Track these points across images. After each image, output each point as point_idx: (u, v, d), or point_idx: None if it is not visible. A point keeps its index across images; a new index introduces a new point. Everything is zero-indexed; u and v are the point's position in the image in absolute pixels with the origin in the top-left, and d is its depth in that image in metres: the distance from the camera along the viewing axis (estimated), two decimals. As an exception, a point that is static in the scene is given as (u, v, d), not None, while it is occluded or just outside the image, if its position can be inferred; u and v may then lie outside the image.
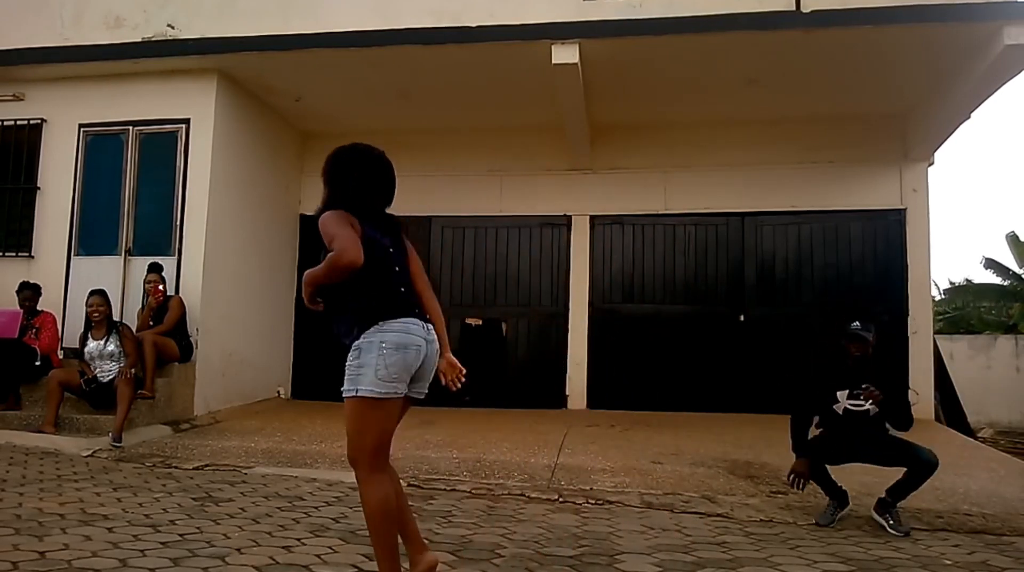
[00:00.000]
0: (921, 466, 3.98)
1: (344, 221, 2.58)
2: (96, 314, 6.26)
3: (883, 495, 4.14)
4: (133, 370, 6.14)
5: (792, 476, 4.16)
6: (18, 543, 3.11)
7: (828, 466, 4.24)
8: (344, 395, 2.52)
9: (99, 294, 6.38)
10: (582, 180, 8.83)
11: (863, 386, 4.07)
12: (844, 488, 4.25)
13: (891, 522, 4.02)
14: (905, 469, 4.07)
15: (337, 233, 2.54)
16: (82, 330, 6.44)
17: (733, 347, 8.38)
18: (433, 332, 2.71)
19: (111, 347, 6.20)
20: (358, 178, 2.78)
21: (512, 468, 5.27)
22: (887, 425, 4.22)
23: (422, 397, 2.71)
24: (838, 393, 4.19)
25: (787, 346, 8.32)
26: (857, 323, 4.20)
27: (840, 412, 4.19)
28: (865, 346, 4.16)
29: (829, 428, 4.28)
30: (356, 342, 2.52)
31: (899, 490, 4.06)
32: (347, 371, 2.53)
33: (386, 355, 2.49)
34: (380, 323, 2.53)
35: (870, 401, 4.07)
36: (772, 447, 6.14)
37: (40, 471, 4.76)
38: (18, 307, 6.79)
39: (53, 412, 6.00)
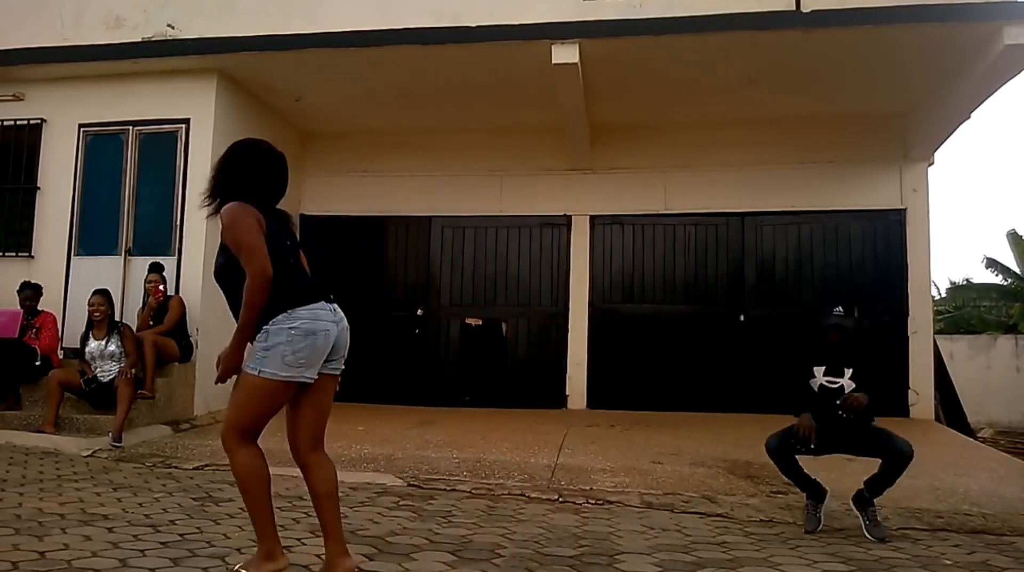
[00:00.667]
0: (894, 456, 3.84)
1: (253, 220, 2.64)
2: (97, 314, 6.26)
3: (861, 486, 4.04)
4: (133, 370, 6.14)
5: (801, 431, 4.00)
6: (18, 543, 3.11)
7: (806, 457, 4.13)
8: (246, 371, 2.61)
9: (101, 294, 6.38)
10: (582, 180, 8.83)
11: (845, 396, 3.95)
12: (816, 480, 4.12)
13: (867, 522, 3.88)
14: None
15: (252, 245, 2.60)
16: (83, 330, 6.44)
17: (733, 347, 8.38)
18: (341, 313, 2.79)
19: (112, 347, 6.21)
20: (261, 173, 2.83)
21: (512, 468, 5.27)
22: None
23: (338, 373, 2.81)
24: (815, 369, 4.13)
25: (787, 346, 8.30)
26: (839, 308, 4.21)
27: (816, 388, 4.12)
28: (839, 334, 4.13)
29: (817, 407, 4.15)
30: (265, 326, 2.60)
31: (875, 484, 3.93)
32: (255, 350, 2.62)
33: (294, 341, 2.58)
34: (289, 311, 2.61)
35: (839, 381, 4.02)
36: (772, 447, 6.15)
37: (40, 471, 4.76)
38: (18, 307, 6.80)
39: (53, 412, 6.00)
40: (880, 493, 3.93)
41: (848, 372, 4.05)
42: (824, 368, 4.10)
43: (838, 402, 3.94)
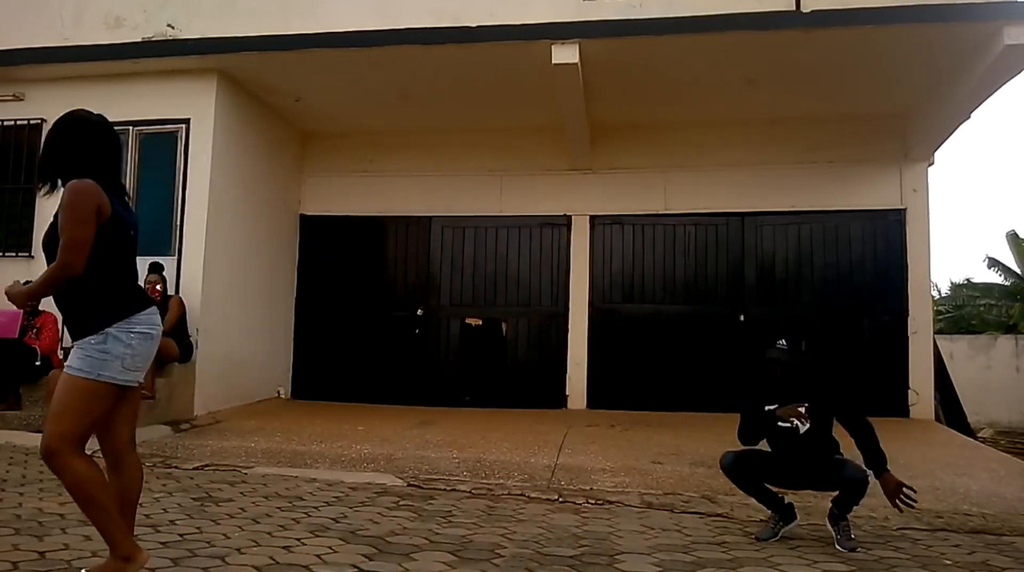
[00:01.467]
0: (846, 484, 3.65)
1: (92, 207, 2.50)
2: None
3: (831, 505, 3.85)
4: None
5: (789, 414, 3.78)
6: (18, 543, 3.11)
7: (778, 488, 3.93)
8: (76, 374, 2.48)
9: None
10: (582, 180, 8.83)
11: (777, 406, 3.79)
12: (789, 501, 3.91)
13: (838, 536, 3.68)
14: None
15: (77, 239, 2.46)
16: None
17: (733, 347, 8.38)
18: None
19: None
20: (98, 144, 2.72)
21: (512, 468, 5.26)
22: (833, 443, 3.86)
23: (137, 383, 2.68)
24: (767, 407, 3.89)
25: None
26: (782, 342, 3.86)
27: (779, 427, 3.86)
28: (781, 369, 3.84)
29: (772, 443, 3.94)
30: (107, 329, 2.51)
31: (840, 503, 3.74)
32: (86, 351, 2.49)
33: (134, 346, 2.54)
34: (129, 317, 2.55)
35: (793, 420, 3.76)
36: (772, 447, 6.15)
37: (40, 471, 4.76)
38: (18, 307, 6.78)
39: None
40: (848, 510, 3.74)
41: (802, 409, 3.80)
42: (776, 405, 3.85)
43: (778, 421, 3.76)
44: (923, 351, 8.10)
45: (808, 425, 3.75)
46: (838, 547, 3.64)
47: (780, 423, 3.78)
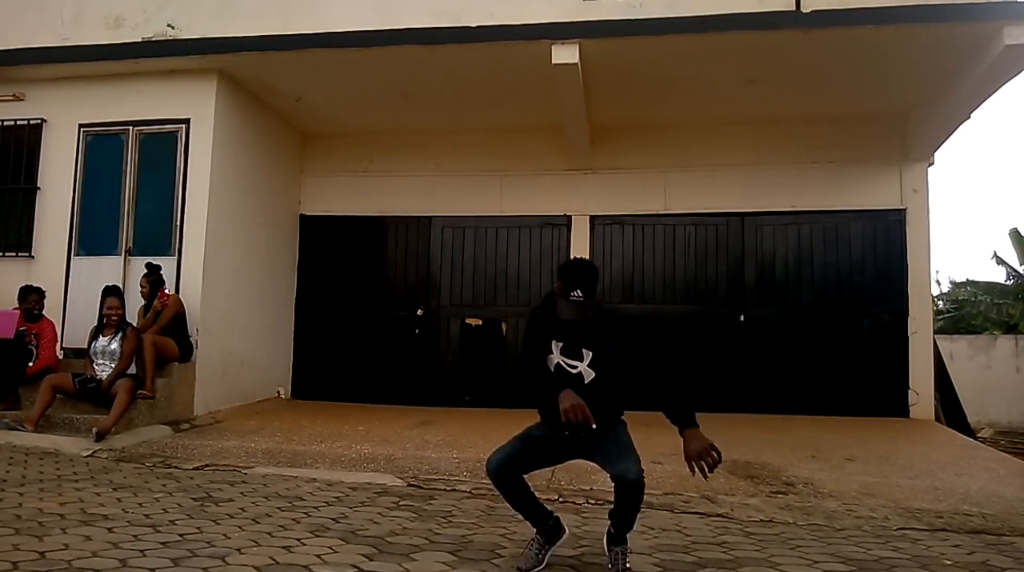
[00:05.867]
0: (617, 483, 2.99)
1: None
2: (115, 318, 6.29)
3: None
4: (129, 373, 6.16)
5: (573, 415, 2.87)
6: (18, 543, 3.11)
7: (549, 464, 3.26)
8: None
9: (116, 296, 6.42)
10: (582, 180, 8.83)
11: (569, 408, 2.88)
12: (556, 515, 3.25)
13: (611, 565, 3.09)
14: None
15: None
16: (95, 326, 6.43)
17: (733, 347, 8.38)
18: None
19: (114, 345, 6.22)
20: None
21: (512, 468, 5.26)
22: (619, 403, 3.27)
23: None
24: (552, 342, 3.13)
25: (787, 346, 8.33)
26: (578, 292, 3.03)
27: (552, 368, 3.13)
28: (582, 312, 3.06)
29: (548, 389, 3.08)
30: None
31: (617, 517, 3.13)
32: None
33: None
34: None
35: (578, 365, 3.09)
36: (772, 447, 6.15)
37: (40, 471, 4.76)
38: (14, 307, 6.75)
39: (39, 412, 5.98)
40: (626, 527, 3.11)
41: (588, 355, 3.11)
42: (562, 344, 3.13)
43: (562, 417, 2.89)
44: (923, 351, 8.11)
45: (593, 375, 3.10)
46: None
47: (564, 363, 3.10)
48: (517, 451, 3.12)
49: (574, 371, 3.12)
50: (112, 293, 6.44)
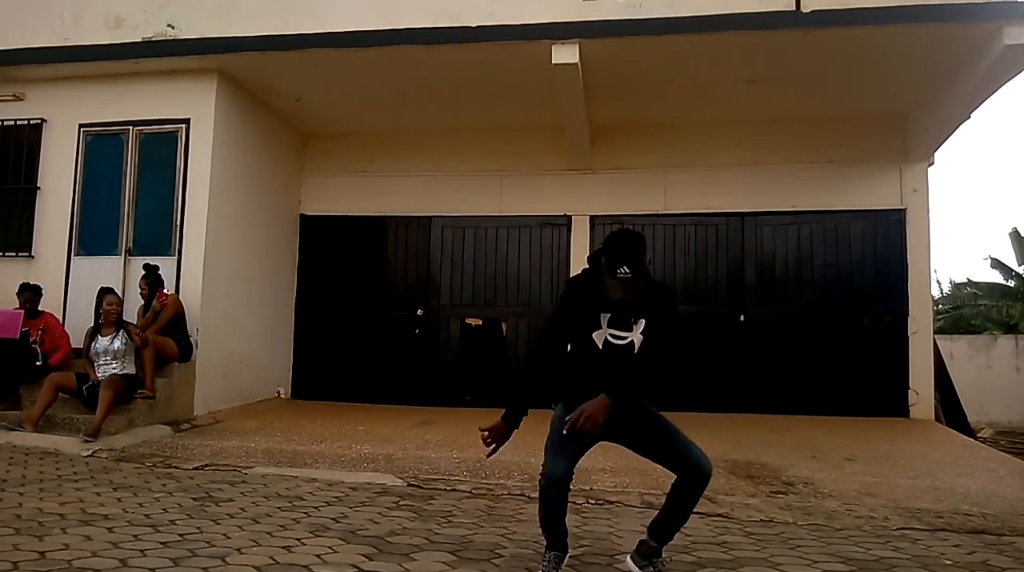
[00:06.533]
0: (691, 472, 2.89)
1: None
2: (114, 315, 6.29)
3: (644, 535, 3.03)
4: (125, 370, 6.17)
5: (585, 422, 2.72)
6: (18, 543, 3.11)
7: (572, 452, 2.89)
8: None
9: (114, 293, 6.45)
10: (582, 180, 8.83)
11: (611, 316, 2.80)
12: (565, 527, 2.98)
13: None
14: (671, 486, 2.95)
15: None
16: (91, 328, 6.43)
17: (733, 347, 8.38)
18: None
19: (117, 344, 6.21)
20: None
21: (512, 468, 5.26)
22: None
23: None
24: (602, 315, 2.87)
25: (787, 346, 8.33)
26: (625, 269, 2.73)
27: (600, 344, 2.88)
28: (633, 291, 2.74)
29: (580, 369, 2.92)
30: None
31: (663, 525, 2.95)
32: None
33: None
34: None
35: (628, 336, 2.86)
36: (772, 447, 6.15)
37: (40, 471, 4.76)
38: (16, 307, 6.78)
39: (39, 411, 5.99)
40: (670, 538, 2.97)
41: (641, 324, 2.88)
42: (610, 315, 2.87)
43: (565, 426, 2.78)
44: (923, 351, 8.11)
45: (642, 340, 2.89)
46: None
47: (612, 337, 2.87)
48: (572, 455, 2.87)
49: (623, 342, 2.87)
50: (109, 292, 6.45)
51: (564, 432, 2.81)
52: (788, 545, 3.70)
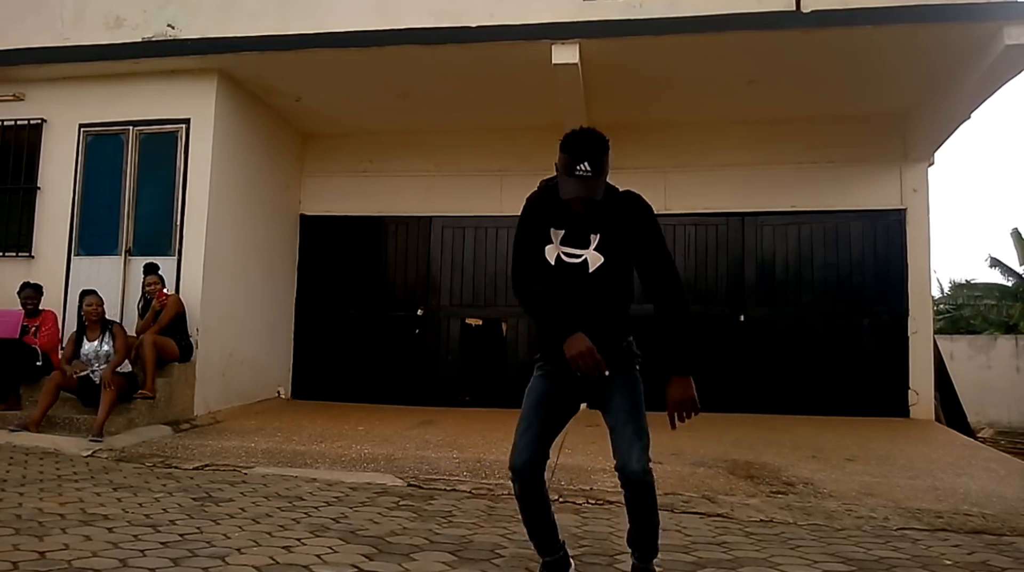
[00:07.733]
0: (619, 470, 2.61)
1: None
2: (94, 315, 6.26)
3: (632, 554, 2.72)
4: (123, 369, 6.16)
5: (583, 362, 2.48)
6: (18, 543, 3.11)
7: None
8: None
9: (94, 294, 6.40)
10: (582, 180, 8.81)
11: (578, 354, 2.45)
12: (562, 539, 2.76)
13: None
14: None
15: None
16: (75, 331, 6.42)
17: (733, 347, 8.37)
18: None
19: (106, 347, 6.21)
20: None
21: (512, 468, 5.26)
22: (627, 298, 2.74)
23: None
24: (552, 230, 2.61)
25: (787, 346, 8.33)
26: (586, 164, 2.42)
27: (552, 261, 2.62)
28: (590, 189, 2.44)
29: (540, 296, 2.66)
30: None
31: (632, 538, 2.70)
32: None
33: None
34: None
35: (584, 255, 2.55)
36: (772, 447, 6.15)
37: (40, 471, 4.76)
38: (18, 307, 6.79)
39: (41, 412, 5.98)
40: (651, 548, 2.71)
41: (595, 239, 2.58)
42: (563, 232, 2.60)
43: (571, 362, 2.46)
44: (923, 351, 8.11)
45: (601, 261, 2.58)
46: None
47: (566, 255, 2.59)
48: (539, 432, 2.58)
49: (577, 261, 2.53)
50: (91, 293, 6.42)
51: (577, 375, 2.51)
52: (788, 545, 3.70)
